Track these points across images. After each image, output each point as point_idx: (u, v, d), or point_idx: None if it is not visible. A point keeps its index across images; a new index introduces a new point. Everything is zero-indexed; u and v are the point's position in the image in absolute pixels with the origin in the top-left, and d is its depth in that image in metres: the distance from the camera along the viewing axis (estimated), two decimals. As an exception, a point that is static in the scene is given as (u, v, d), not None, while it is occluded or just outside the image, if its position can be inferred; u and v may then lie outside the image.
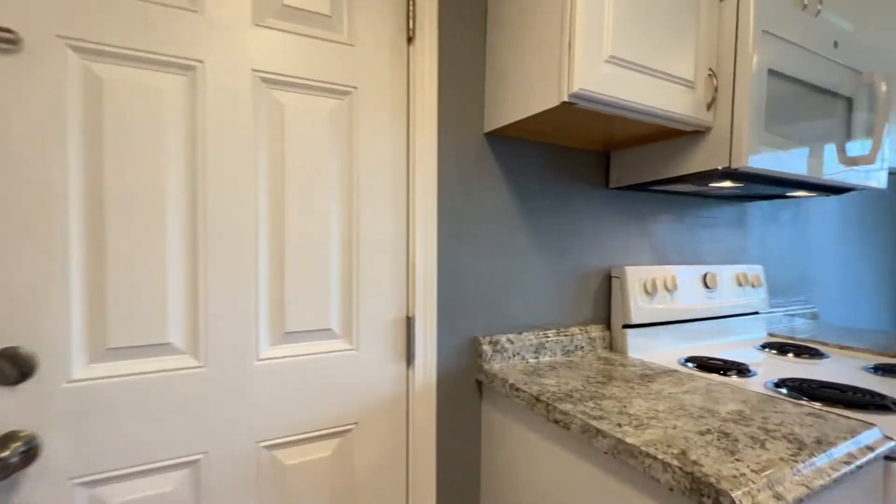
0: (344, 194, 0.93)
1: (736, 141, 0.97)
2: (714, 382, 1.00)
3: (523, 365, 1.10)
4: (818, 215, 2.03)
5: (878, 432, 0.76)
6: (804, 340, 1.53)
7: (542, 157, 1.20)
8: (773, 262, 1.82)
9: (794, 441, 0.69)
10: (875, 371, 1.18)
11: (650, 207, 1.41)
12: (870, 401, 0.92)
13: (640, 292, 1.27)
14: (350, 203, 0.94)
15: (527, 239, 1.17)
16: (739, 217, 1.68)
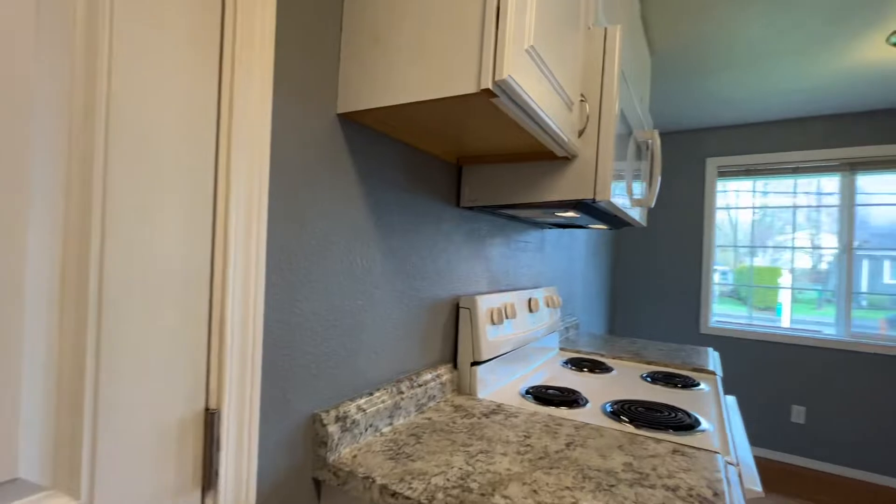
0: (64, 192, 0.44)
1: (601, 173, 0.95)
2: (578, 423, 0.95)
3: (380, 441, 0.80)
4: (577, 242, 2.45)
5: (721, 459, 0.83)
6: (589, 353, 1.75)
7: (403, 161, 0.94)
8: (556, 282, 2.07)
9: (703, 500, 0.65)
10: (653, 381, 1.40)
11: (488, 230, 1.33)
12: (685, 420, 1.03)
13: (488, 323, 1.16)
14: (84, 208, 0.45)
15: (382, 267, 0.88)
16: (540, 242, 1.82)
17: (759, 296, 3.25)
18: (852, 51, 2.01)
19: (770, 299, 3.22)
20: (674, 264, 3.39)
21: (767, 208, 3.21)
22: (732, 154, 3.20)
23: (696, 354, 1.78)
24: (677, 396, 1.25)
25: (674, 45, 2.04)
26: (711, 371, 1.52)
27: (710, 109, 2.88)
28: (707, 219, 3.27)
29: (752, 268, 3.25)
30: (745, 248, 3.26)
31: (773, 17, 1.78)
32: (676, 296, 3.37)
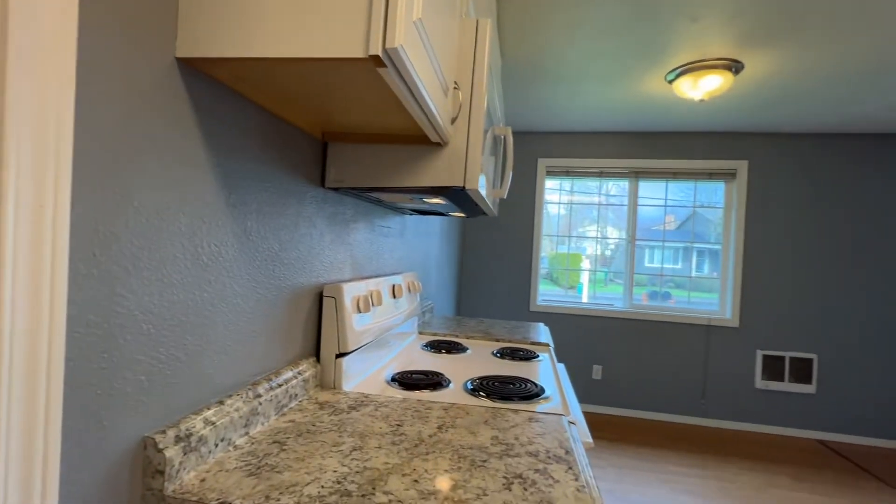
0: None
1: (470, 162, 0.98)
2: (446, 405, 0.98)
3: (235, 456, 0.68)
4: (432, 228, 2.53)
5: (565, 419, 0.95)
6: (444, 335, 1.84)
7: (262, 130, 0.81)
8: (416, 267, 2.10)
9: (558, 460, 0.74)
10: (502, 356, 1.54)
11: (352, 214, 1.26)
12: (533, 390, 1.16)
13: (354, 312, 1.10)
14: None
15: (235, 252, 0.75)
16: (402, 228, 1.82)
17: (567, 277, 3.90)
18: (642, 83, 2.52)
19: (574, 280, 3.90)
20: (510, 250, 3.80)
21: (574, 204, 3.85)
22: (557, 157, 3.72)
23: (532, 330, 2.03)
24: (523, 368, 1.40)
25: (520, 54, 2.25)
26: (546, 343, 1.76)
27: (543, 116, 3.28)
28: (537, 211, 3.75)
29: (564, 254, 3.88)
30: (558, 237, 3.86)
31: (591, 44, 2.10)
32: (512, 278, 3.79)
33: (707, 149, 3.49)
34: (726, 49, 2.06)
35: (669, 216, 3.74)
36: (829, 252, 3.31)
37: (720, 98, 2.71)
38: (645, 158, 3.59)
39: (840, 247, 3.29)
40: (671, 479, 2.57)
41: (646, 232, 3.72)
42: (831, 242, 3.30)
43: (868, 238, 3.26)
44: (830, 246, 3.30)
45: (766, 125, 3.21)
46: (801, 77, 2.33)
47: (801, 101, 2.68)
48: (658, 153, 3.57)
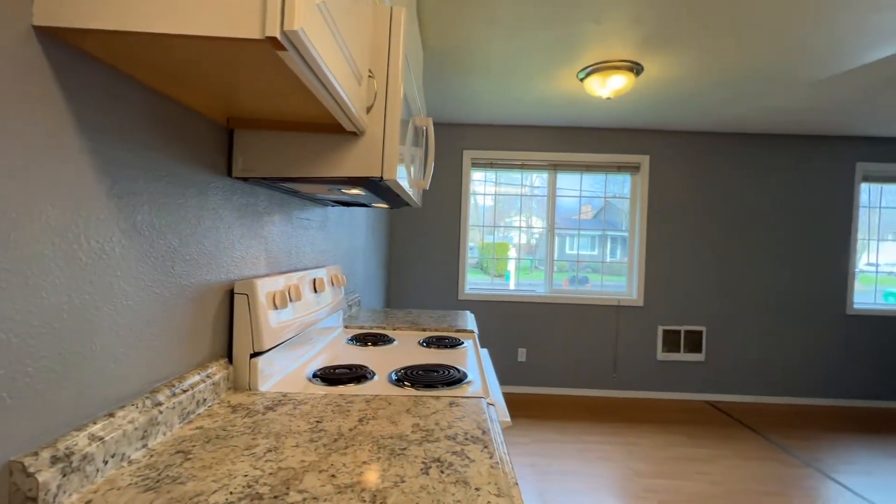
0: None
1: (387, 153, 0.97)
2: (368, 397, 0.97)
3: (130, 472, 0.62)
4: (357, 220, 2.48)
5: (484, 402, 0.99)
6: (371, 328, 1.82)
7: (151, 114, 0.73)
8: (340, 260, 2.05)
9: (475, 440, 0.77)
10: (428, 345, 1.56)
11: (266, 205, 1.20)
12: (456, 376, 1.19)
13: (271, 308, 1.05)
14: None
15: (123, 249, 0.67)
16: (323, 220, 1.76)
17: (495, 266, 4.06)
18: (557, 80, 2.66)
19: (502, 268, 4.07)
20: (438, 241, 3.85)
21: (501, 195, 3.99)
22: (482, 149, 3.82)
23: (459, 318, 2.08)
24: (448, 356, 1.43)
25: (442, 45, 2.26)
26: (470, 331, 1.81)
27: (468, 108, 3.34)
28: (463, 202, 3.83)
29: (493, 244, 4.02)
30: (485, 227, 3.99)
31: (509, 40, 2.18)
32: (441, 268, 3.85)
33: (615, 144, 3.79)
34: (628, 52, 2.24)
35: (586, 206, 4.01)
36: (715, 237, 3.77)
37: (625, 97, 2.94)
38: (562, 152, 3.81)
39: (724, 232, 3.76)
40: (586, 448, 2.79)
41: (566, 221, 3.96)
42: (717, 228, 3.77)
43: (745, 223, 3.76)
44: (716, 231, 3.77)
45: (664, 123, 3.56)
46: (690, 80, 2.61)
47: (691, 102, 3.00)
48: (574, 147, 3.81)
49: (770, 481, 2.45)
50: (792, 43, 2.09)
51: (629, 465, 2.60)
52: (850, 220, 3.74)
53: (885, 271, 3.90)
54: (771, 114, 3.20)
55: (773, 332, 3.76)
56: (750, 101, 2.93)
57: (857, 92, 2.69)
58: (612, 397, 3.76)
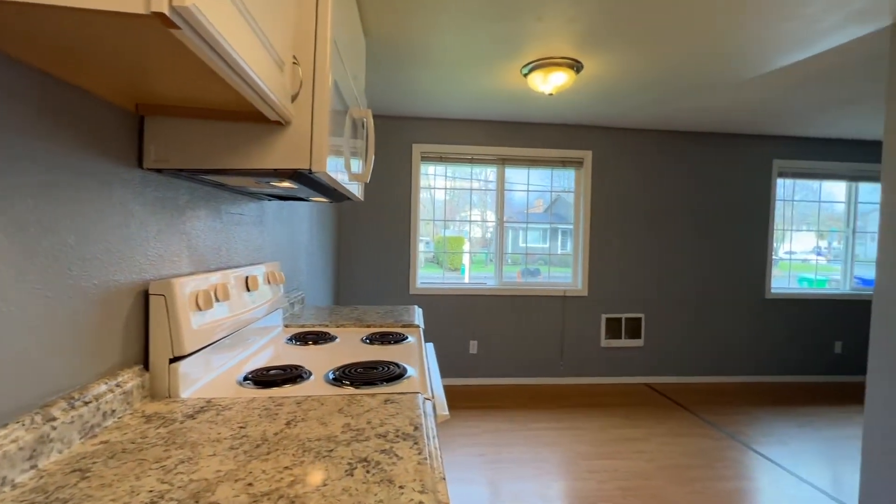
0: None
1: (316, 144, 0.93)
2: (300, 398, 0.94)
3: (12, 497, 0.56)
4: (298, 215, 2.39)
5: (421, 397, 0.99)
6: (313, 326, 1.76)
7: (38, 96, 0.65)
8: (280, 257, 1.97)
9: (406, 437, 0.76)
10: (371, 342, 1.53)
11: (188, 199, 1.12)
12: (391, 371, 1.18)
13: (193, 310, 0.99)
14: None
15: (2, 247, 0.60)
16: (260, 215, 1.68)
17: (450, 260, 4.07)
18: (502, 74, 2.69)
19: (457, 262, 4.09)
20: (389, 236, 3.80)
21: (454, 190, 4.01)
22: (431, 143, 3.80)
23: (405, 312, 2.06)
24: (391, 352, 1.41)
25: (387, 34, 2.21)
26: (416, 325, 1.80)
27: (417, 101, 3.30)
28: (413, 196, 3.80)
29: (448, 238, 4.03)
30: (440, 221, 3.99)
31: (455, 32, 2.17)
32: (391, 263, 3.81)
33: (561, 139, 3.90)
34: (568, 49, 2.30)
35: (539, 200, 4.12)
36: (651, 229, 3.99)
37: (568, 94, 3.03)
38: (510, 146, 3.87)
39: (659, 224, 3.99)
40: (534, 435, 2.88)
41: (520, 215, 4.04)
42: (653, 220, 3.99)
43: (677, 216, 4.01)
44: (652, 223, 3.99)
45: (604, 120, 3.70)
46: (624, 80, 2.72)
47: (626, 100, 3.14)
48: (521, 142, 3.88)
49: (698, 455, 2.65)
50: (713, 47, 2.23)
51: (573, 449, 2.71)
52: (768, 213, 4.09)
53: (799, 258, 4.31)
54: (698, 113, 3.42)
55: (703, 316, 4.05)
56: (678, 101, 3.11)
57: (772, 93, 2.92)
58: (559, 384, 3.90)
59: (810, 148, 4.10)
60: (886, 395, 1.93)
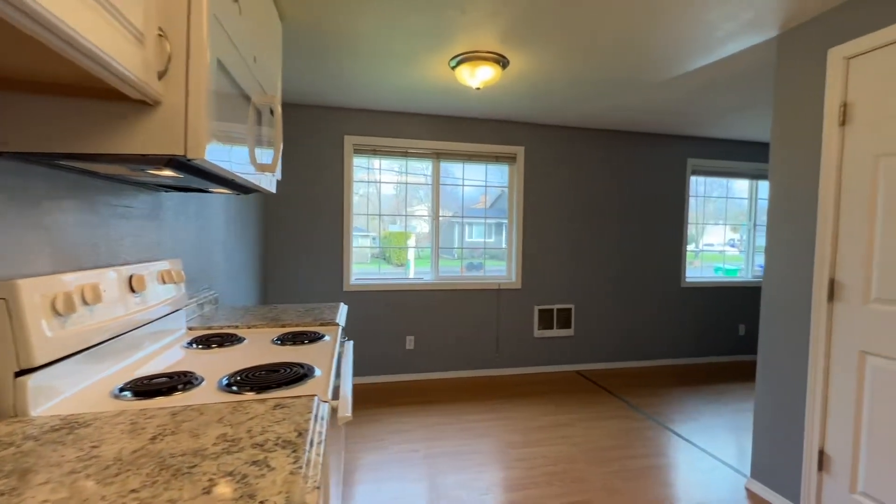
0: None
1: (192, 127, 0.85)
2: (176, 409, 0.85)
3: None
4: (212, 209, 2.22)
5: (318, 400, 0.94)
6: (221, 328, 1.64)
7: None
8: (184, 254, 1.81)
9: (286, 445, 0.71)
10: (282, 342, 1.45)
11: (48, 188, 0.98)
12: (296, 373, 1.11)
13: (49, 315, 0.86)
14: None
15: None
16: (155, 208, 1.53)
17: (396, 255, 4.02)
18: (431, 66, 2.66)
19: (403, 257, 4.04)
20: (321, 231, 3.66)
21: (402, 184, 3.94)
22: (364, 134, 3.70)
23: (328, 310, 1.98)
24: (302, 352, 1.34)
25: (307, 19, 2.09)
26: (336, 323, 1.73)
27: (347, 91, 3.19)
28: (346, 189, 3.68)
29: (392, 233, 3.96)
30: (387, 216, 3.91)
31: (378, 20, 2.10)
32: (324, 259, 3.67)
33: (494, 135, 3.95)
34: (493, 44, 2.31)
35: (484, 196, 4.15)
36: (580, 222, 4.16)
37: (498, 89, 3.06)
38: (445, 141, 3.86)
39: (587, 218, 4.17)
40: (468, 427, 2.91)
41: (468, 210, 4.05)
42: (581, 215, 4.16)
43: (604, 210, 4.21)
44: (581, 217, 4.16)
45: (535, 117, 3.80)
46: (549, 77, 2.80)
47: (553, 98, 3.23)
48: (456, 136, 3.88)
49: (619, 436, 2.80)
50: (627, 49, 2.34)
51: (505, 438, 2.76)
52: (684, 208, 4.41)
53: (716, 250, 4.71)
54: (620, 113, 3.60)
55: (627, 305, 4.30)
56: (600, 100, 3.25)
57: (682, 96, 3.14)
58: (495, 375, 3.98)
59: (719, 148, 4.47)
60: (772, 371, 2.14)
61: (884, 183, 1.69)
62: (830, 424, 1.87)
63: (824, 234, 1.88)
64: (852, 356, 1.79)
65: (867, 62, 1.74)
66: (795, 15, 1.95)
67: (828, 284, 1.87)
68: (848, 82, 1.81)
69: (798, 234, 2.02)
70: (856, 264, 1.78)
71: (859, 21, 1.77)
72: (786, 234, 2.08)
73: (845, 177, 1.82)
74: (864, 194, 1.75)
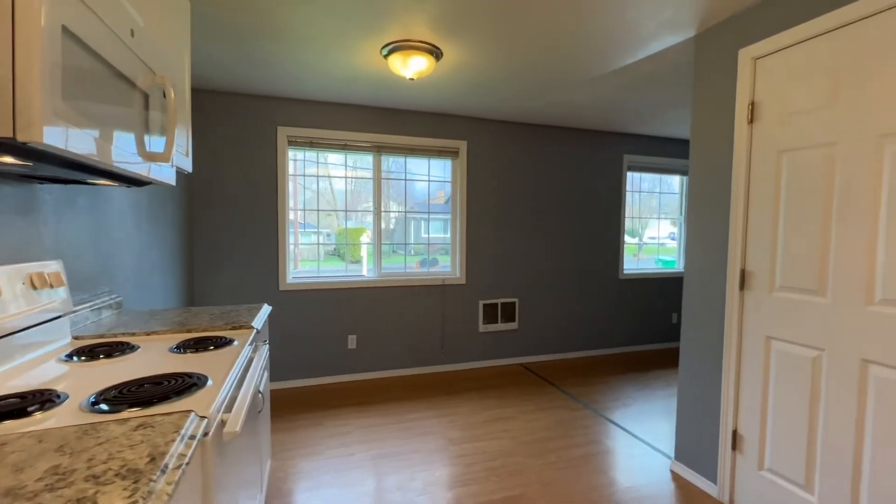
0: None
1: (23, 104, 0.71)
2: (10, 436, 0.72)
3: None
4: (114, 203, 2.01)
5: (194, 416, 0.83)
6: (115, 336, 1.47)
7: None
8: (72, 254, 1.61)
9: (128, 474, 0.61)
10: (182, 350, 1.31)
11: None
12: (184, 383, 1.00)
13: None
14: None
15: None
16: (24, 201, 1.33)
17: (352, 251, 3.87)
18: (361, 54, 2.55)
19: (357, 254, 3.91)
20: (254, 227, 3.45)
21: (348, 178, 3.78)
22: (299, 125, 3.52)
23: (246, 313, 1.85)
24: (201, 360, 1.22)
25: (216, -6, 1.92)
26: (250, 327, 1.61)
27: (276, 78, 3.00)
28: (281, 183, 3.49)
29: (347, 229, 3.80)
30: (342, 212, 3.74)
31: (300, 2, 1.97)
32: (258, 258, 3.47)
33: (437, 128, 3.89)
34: (424, 32, 2.24)
35: (441, 191, 4.08)
36: (522, 217, 4.21)
37: (437, 81, 3.00)
38: (386, 134, 3.75)
39: (529, 212, 4.23)
40: (409, 426, 2.85)
41: (422, 206, 3.97)
42: (523, 209, 4.21)
43: (545, 205, 4.28)
44: (524, 213, 4.21)
45: (476, 111, 3.78)
46: (485, 71, 2.77)
47: (491, 92, 3.22)
48: (397, 129, 3.78)
49: (557, 427, 2.86)
50: (558, 45, 2.35)
51: (446, 435, 2.73)
52: (621, 203, 4.58)
53: (653, 243, 4.93)
54: (558, 109, 3.66)
55: (569, 297, 4.41)
56: (538, 95, 3.28)
57: (613, 93, 3.23)
58: (439, 372, 3.95)
59: (652, 145, 4.67)
60: (692, 358, 2.24)
61: (786, 177, 1.80)
62: (742, 406, 1.99)
63: (736, 226, 1.99)
64: (760, 341, 1.90)
65: (772, 63, 1.84)
66: (710, 15, 2.03)
67: (739, 274, 1.97)
68: (755, 82, 1.91)
69: (714, 227, 2.12)
70: (763, 255, 1.89)
71: (766, 23, 1.87)
72: (703, 226, 2.18)
73: (754, 172, 1.92)
74: (770, 188, 1.86)
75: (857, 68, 1.55)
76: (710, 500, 2.09)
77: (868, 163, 1.53)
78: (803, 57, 1.72)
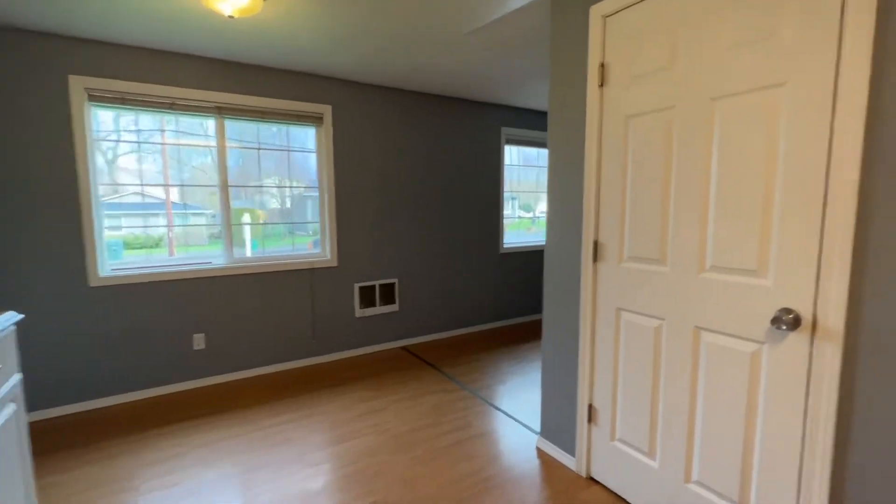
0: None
1: None
2: None
3: None
4: None
5: None
6: None
7: None
8: None
9: None
10: None
11: None
12: None
13: None
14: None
15: None
16: None
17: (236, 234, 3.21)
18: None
19: (240, 237, 3.27)
20: (43, 210, 2.66)
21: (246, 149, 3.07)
22: (102, 76, 2.75)
23: (-40, 329, 1.29)
24: None
25: None
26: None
27: (70, 11, 2.24)
28: (80, 153, 2.72)
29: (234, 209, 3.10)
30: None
31: None
32: (55, 248, 2.69)
33: (296, 90, 3.37)
34: (235, -46, 1.76)
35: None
36: (398, 192, 3.92)
37: (281, 28, 2.51)
38: (230, 93, 3.14)
39: (406, 187, 3.96)
40: (263, 436, 2.47)
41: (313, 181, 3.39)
42: (399, 183, 3.92)
43: (423, 179, 4.05)
44: (400, 187, 3.92)
45: (341, 71, 3.34)
46: (336, 18, 2.37)
47: (351, 47, 2.82)
48: (245, 89, 3.19)
49: (431, 414, 2.70)
50: (412, -12, 2.05)
51: (307, 440, 2.41)
52: (499, 176, 4.53)
53: (539, 217, 5.01)
54: (429, 73, 3.39)
55: (450, 274, 4.29)
56: (405, 55, 2.97)
57: (483, 55, 3.04)
58: (311, 365, 3.57)
59: (529, 118, 4.67)
60: (553, 331, 2.20)
61: (632, 145, 1.74)
62: (597, 380, 1.97)
63: (589, 197, 1.92)
64: (611, 313, 1.88)
65: (619, 21, 1.75)
66: (563, -32, 1.88)
67: (592, 245, 1.92)
68: (605, 42, 1.81)
69: (571, 198, 2.04)
70: (613, 226, 1.84)
71: (613, -20, 1.76)
72: (561, 197, 2.09)
73: (605, 139, 1.85)
74: (619, 157, 1.79)
75: (693, 25, 1.50)
76: (570, 473, 2.09)
77: (701, 127, 1.49)
78: (649, 15, 1.64)
